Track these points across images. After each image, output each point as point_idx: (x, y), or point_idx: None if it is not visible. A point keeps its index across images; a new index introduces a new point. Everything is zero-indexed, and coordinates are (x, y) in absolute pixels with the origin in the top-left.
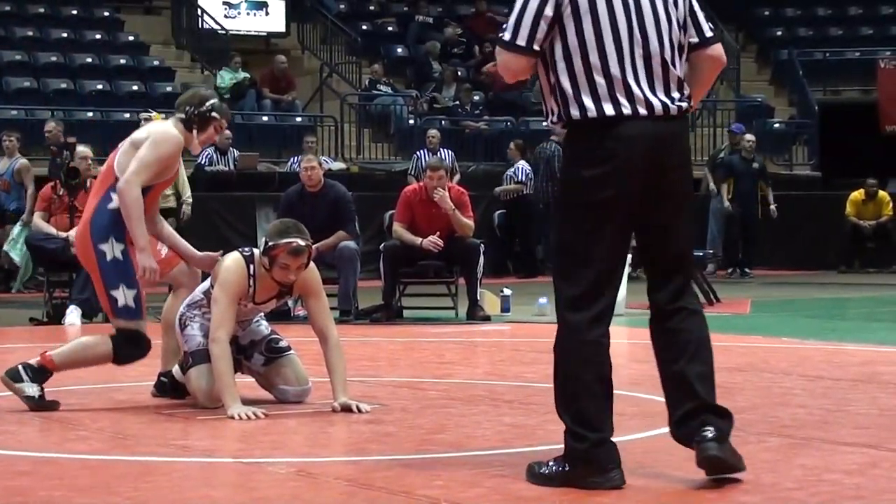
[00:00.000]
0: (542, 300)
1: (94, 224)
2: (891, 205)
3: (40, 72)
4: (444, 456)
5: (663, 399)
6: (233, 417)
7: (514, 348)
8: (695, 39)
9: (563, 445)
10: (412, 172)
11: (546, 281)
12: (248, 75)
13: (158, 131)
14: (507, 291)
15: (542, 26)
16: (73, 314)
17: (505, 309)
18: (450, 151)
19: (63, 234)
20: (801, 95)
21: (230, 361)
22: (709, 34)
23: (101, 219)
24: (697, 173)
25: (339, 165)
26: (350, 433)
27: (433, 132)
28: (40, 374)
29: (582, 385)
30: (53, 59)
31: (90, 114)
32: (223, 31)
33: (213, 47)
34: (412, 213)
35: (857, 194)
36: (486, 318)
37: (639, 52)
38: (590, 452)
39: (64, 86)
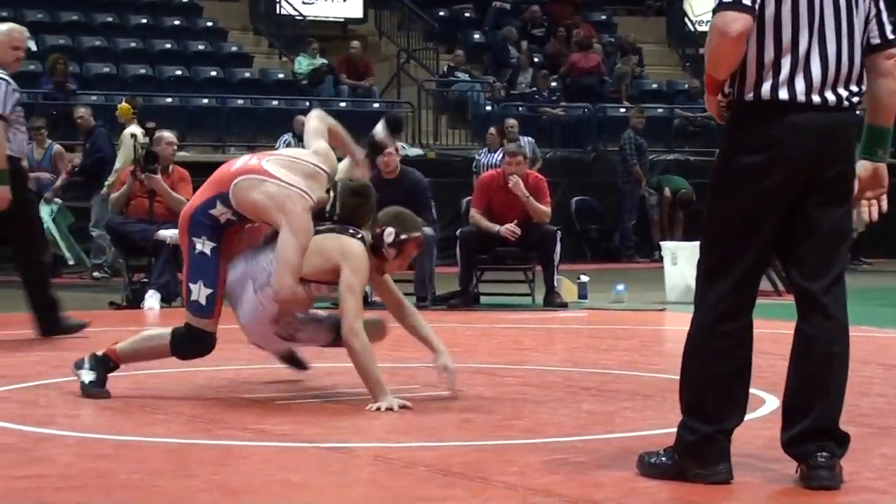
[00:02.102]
0: (620, 287)
1: (193, 219)
2: None
3: (119, 58)
4: (520, 442)
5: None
6: (384, 409)
7: (591, 335)
8: (876, 41)
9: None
10: (474, 170)
11: (623, 267)
12: (325, 61)
13: (296, 221)
14: (584, 278)
15: None
16: (152, 298)
17: (582, 296)
18: (530, 139)
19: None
20: None
21: (373, 353)
22: (891, 36)
23: (201, 218)
24: None
25: (416, 151)
26: (428, 419)
27: (511, 121)
28: (102, 363)
29: (703, 376)
30: (132, 45)
31: (168, 99)
32: (301, 17)
33: (290, 33)
34: (489, 199)
35: None
36: (563, 305)
37: (831, 38)
38: (698, 445)
39: (143, 71)
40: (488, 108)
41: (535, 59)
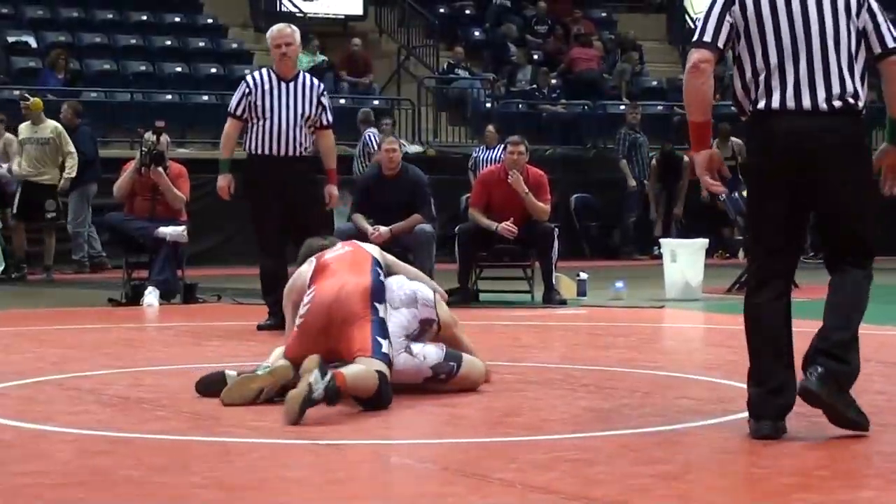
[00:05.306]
0: (619, 284)
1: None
2: None
3: (120, 54)
4: (519, 439)
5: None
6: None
7: (590, 332)
8: (878, 50)
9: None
10: (471, 167)
11: (622, 265)
12: (325, 58)
13: None
14: (583, 275)
15: (726, 26)
16: (151, 295)
17: (581, 293)
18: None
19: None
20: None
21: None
22: (891, 45)
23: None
24: None
25: (415, 149)
26: (426, 416)
27: (490, 127)
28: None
29: (749, 341)
30: (133, 41)
31: (168, 96)
32: (301, 14)
33: None
34: (489, 195)
35: None
36: (562, 302)
37: (802, 52)
38: (749, 405)
39: (143, 68)
40: (488, 105)
41: (535, 56)
